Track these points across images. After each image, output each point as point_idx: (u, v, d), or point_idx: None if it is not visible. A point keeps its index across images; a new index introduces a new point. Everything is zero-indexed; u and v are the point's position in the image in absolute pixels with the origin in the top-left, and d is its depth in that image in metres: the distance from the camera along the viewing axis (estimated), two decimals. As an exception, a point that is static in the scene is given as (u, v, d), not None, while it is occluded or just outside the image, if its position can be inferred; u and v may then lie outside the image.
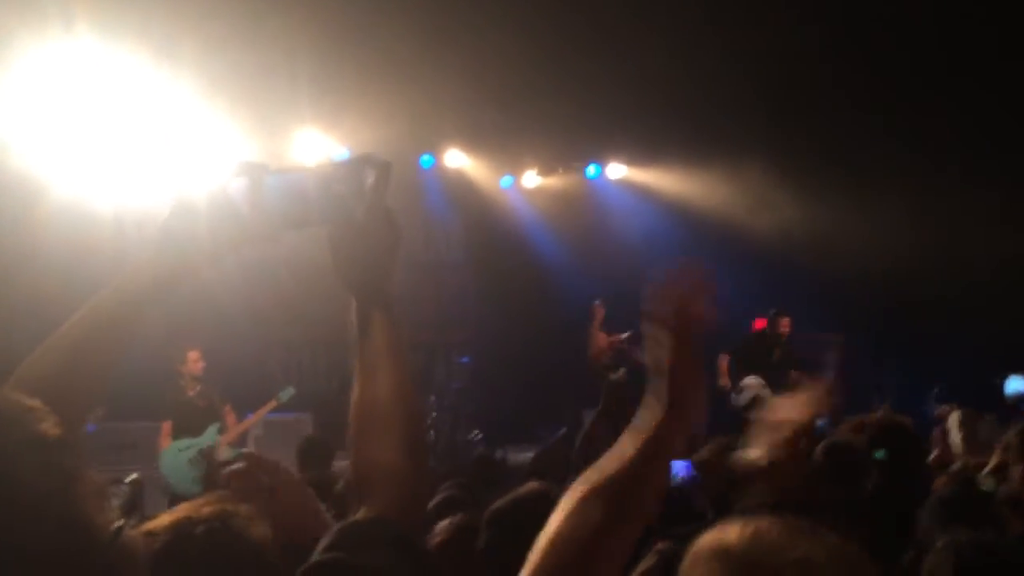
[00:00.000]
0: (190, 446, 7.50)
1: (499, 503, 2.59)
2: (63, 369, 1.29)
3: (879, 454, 3.59)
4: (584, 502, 1.26)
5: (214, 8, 7.28)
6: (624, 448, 1.30)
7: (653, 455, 1.29)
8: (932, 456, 4.69)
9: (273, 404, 8.06)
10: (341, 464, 5.49)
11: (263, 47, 8.00)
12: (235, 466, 1.73)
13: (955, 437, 4.97)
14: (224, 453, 7.50)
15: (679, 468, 4.11)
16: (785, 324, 9.75)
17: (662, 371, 1.31)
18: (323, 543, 1.22)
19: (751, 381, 9.34)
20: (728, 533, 1.12)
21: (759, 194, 11.06)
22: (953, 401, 5.74)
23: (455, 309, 12.54)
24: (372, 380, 1.35)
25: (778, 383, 9.18)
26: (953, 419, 4.99)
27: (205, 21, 7.42)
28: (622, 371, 8.83)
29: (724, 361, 9.79)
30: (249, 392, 8.47)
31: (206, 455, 7.36)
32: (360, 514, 1.26)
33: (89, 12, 7.06)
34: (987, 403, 6.49)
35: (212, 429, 7.64)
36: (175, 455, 7.41)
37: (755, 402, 9.02)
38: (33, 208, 7.78)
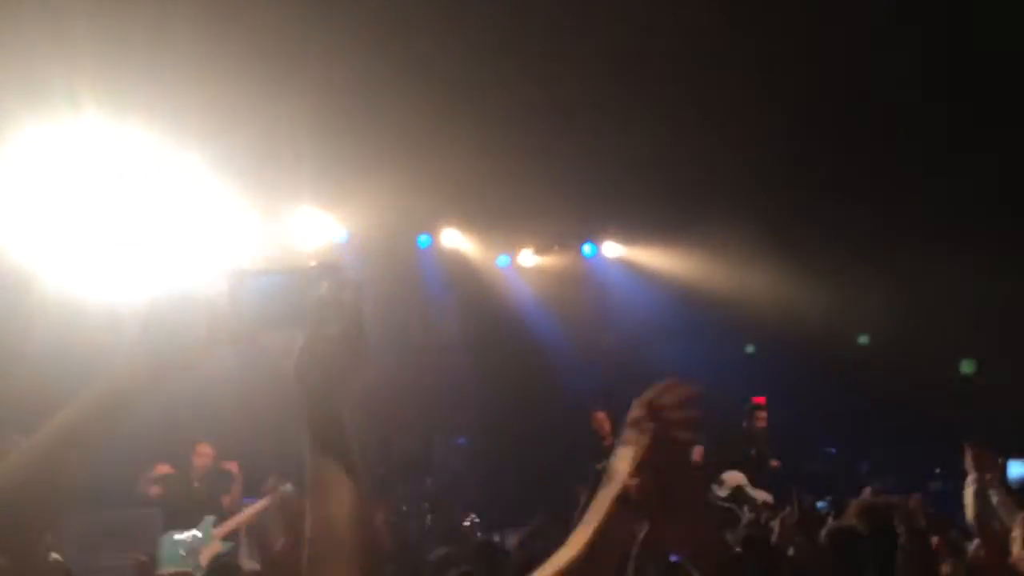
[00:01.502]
0: (185, 536, 7.63)
1: None
2: (26, 482, 1.30)
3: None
4: None
5: (217, 91, 7.41)
6: (575, 541, 1.38)
7: (603, 546, 1.36)
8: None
9: (270, 500, 8.12)
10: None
11: (265, 129, 8.12)
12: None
13: (968, 503, 4.87)
14: (218, 545, 7.66)
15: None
16: (762, 419, 9.80)
17: (622, 478, 1.38)
18: None
19: (732, 475, 9.37)
20: None
21: (754, 272, 11.14)
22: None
23: (452, 390, 12.48)
24: (326, 501, 1.30)
25: (756, 477, 9.24)
26: (968, 487, 4.88)
27: (208, 104, 7.55)
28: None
29: (699, 454, 9.75)
30: (246, 481, 8.45)
31: (199, 546, 7.55)
32: None
33: (95, 93, 7.16)
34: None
35: (208, 520, 7.79)
36: (171, 544, 7.56)
37: (736, 493, 9.05)
38: (25, 297, 7.77)
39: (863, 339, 11.02)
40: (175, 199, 8.74)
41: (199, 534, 7.67)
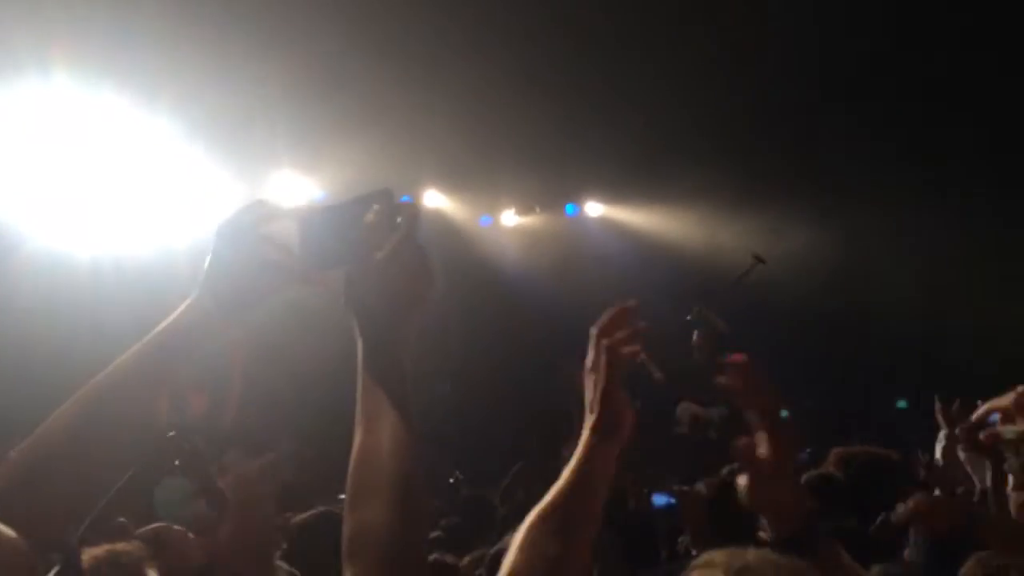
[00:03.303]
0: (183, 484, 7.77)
1: (500, 546, 2.58)
2: (56, 457, 1.22)
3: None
4: (533, 534, 1.38)
5: (193, 54, 7.31)
6: (563, 478, 1.43)
7: (586, 479, 1.41)
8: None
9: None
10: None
11: (242, 92, 8.03)
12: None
13: (938, 457, 4.94)
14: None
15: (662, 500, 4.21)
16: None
17: (590, 405, 1.45)
18: None
19: (682, 407, 9.48)
20: (716, 560, 1.18)
21: (736, 231, 11.17)
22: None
23: (436, 352, 12.46)
24: (371, 433, 1.24)
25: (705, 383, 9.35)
26: (938, 443, 4.96)
27: (184, 67, 7.45)
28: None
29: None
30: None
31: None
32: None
33: (69, 57, 7.06)
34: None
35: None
36: (168, 493, 7.68)
37: (693, 422, 9.17)
38: (9, 256, 7.73)
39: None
40: (151, 164, 8.67)
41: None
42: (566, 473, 1.43)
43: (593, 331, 1.47)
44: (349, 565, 1.18)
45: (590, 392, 1.45)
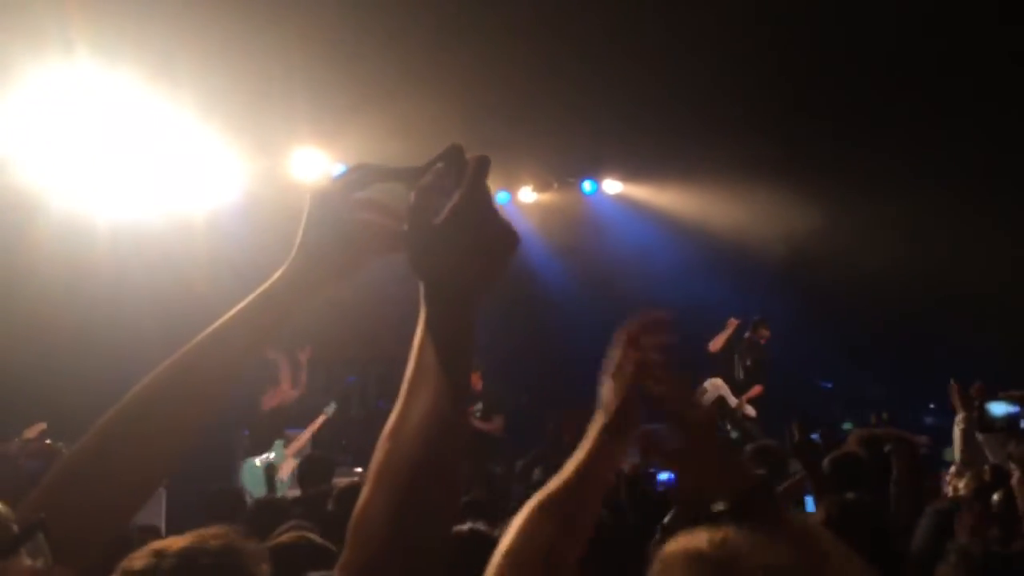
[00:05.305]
0: (261, 460, 8.67)
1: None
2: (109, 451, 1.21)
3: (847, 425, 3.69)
4: (533, 518, 1.43)
5: (211, 28, 7.29)
6: (567, 468, 1.47)
7: (590, 472, 1.46)
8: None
9: (323, 418, 9.17)
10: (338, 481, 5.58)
11: (260, 66, 8.01)
12: None
13: (956, 440, 4.96)
14: (292, 462, 8.62)
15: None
16: (764, 336, 10.07)
17: (608, 409, 1.48)
18: None
19: (712, 383, 9.50)
20: (698, 540, 1.20)
21: (753, 208, 11.10)
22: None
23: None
24: (406, 405, 1.12)
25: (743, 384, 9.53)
26: (957, 425, 4.96)
27: (202, 40, 7.43)
28: None
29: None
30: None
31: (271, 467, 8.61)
32: (340, 563, 1.07)
33: (87, 32, 7.07)
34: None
35: (278, 444, 8.76)
36: (251, 468, 8.58)
37: (720, 406, 9.22)
38: (31, 224, 7.84)
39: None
40: (171, 139, 8.71)
41: (272, 455, 8.61)
42: (571, 464, 1.47)
43: (621, 335, 1.47)
44: (348, 546, 1.05)
45: (608, 393, 1.47)
